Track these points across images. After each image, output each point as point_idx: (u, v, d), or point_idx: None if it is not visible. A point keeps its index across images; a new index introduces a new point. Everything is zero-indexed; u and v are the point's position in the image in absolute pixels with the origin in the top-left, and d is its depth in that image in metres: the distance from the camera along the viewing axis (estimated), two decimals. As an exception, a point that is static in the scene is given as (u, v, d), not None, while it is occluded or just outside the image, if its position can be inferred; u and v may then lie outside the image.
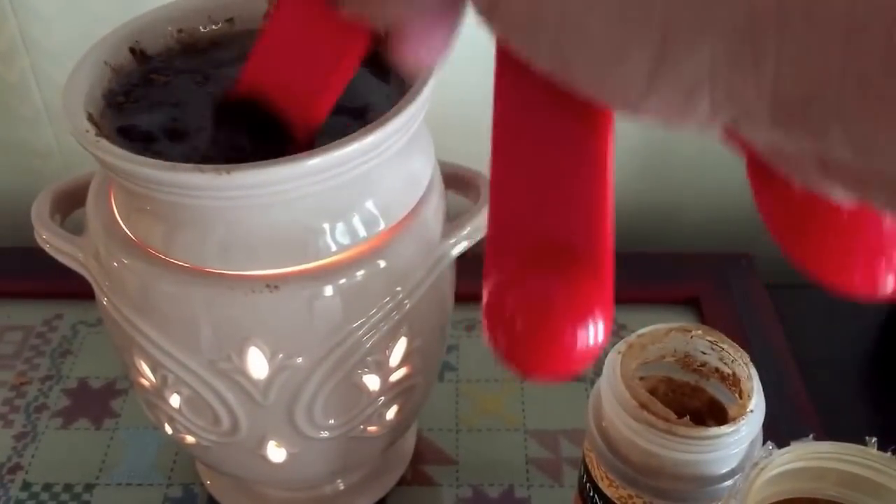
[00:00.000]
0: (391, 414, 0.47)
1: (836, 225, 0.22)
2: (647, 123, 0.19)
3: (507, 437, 0.61)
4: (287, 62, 0.33)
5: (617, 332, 0.69)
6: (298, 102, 0.34)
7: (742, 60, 0.16)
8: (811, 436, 0.38)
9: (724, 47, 0.16)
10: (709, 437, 0.39)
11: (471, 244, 0.46)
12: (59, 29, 0.69)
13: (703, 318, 0.69)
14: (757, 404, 0.40)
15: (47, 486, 0.58)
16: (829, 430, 0.60)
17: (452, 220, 0.47)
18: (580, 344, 0.20)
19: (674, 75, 0.17)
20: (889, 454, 0.37)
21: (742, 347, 0.65)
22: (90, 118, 0.39)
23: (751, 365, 0.42)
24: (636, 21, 0.17)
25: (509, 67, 0.23)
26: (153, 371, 0.43)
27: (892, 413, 0.65)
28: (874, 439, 0.37)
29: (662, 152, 0.77)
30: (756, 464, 0.36)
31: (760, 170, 0.22)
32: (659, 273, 0.73)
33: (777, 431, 0.59)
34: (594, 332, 0.20)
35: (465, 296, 0.69)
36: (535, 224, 0.22)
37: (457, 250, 0.46)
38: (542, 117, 0.23)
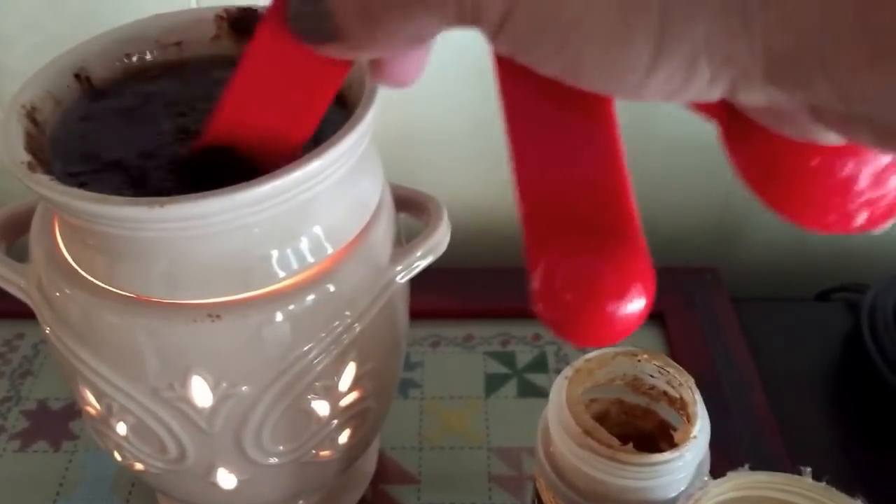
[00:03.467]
0: (344, 438, 0.47)
1: (809, 169, 0.23)
2: (648, 103, 0.21)
3: (470, 455, 0.61)
4: (261, 108, 0.33)
5: (582, 347, 0.69)
6: (273, 146, 0.34)
7: (734, 27, 0.18)
8: (746, 465, 0.38)
9: (717, 17, 0.18)
10: (652, 464, 0.39)
11: (425, 265, 0.46)
12: (18, 47, 0.69)
13: (668, 332, 0.69)
14: (701, 429, 0.40)
15: (4, 511, 0.57)
16: (792, 445, 0.60)
17: (406, 242, 0.47)
18: (624, 314, 0.22)
19: (675, 50, 0.19)
20: (823, 484, 0.37)
21: (706, 361, 0.66)
22: (29, 148, 0.39)
23: (695, 389, 0.42)
24: (635, 8, 0.19)
25: (511, 73, 0.25)
26: (98, 399, 0.43)
27: (855, 427, 0.65)
28: (808, 469, 0.37)
29: (629, 167, 0.77)
30: (691, 495, 0.36)
31: (733, 129, 0.24)
32: (624, 288, 0.73)
33: (739, 446, 0.59)
34: (636, 303, 0.22)
35: (430, 312, 0.70)
36: (567, 211, 0.24)
37: (409, 273, 0.46)
38: (550, 110, 0.24)
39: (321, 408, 0.44)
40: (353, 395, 0.45)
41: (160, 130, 0.42)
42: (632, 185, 0.25)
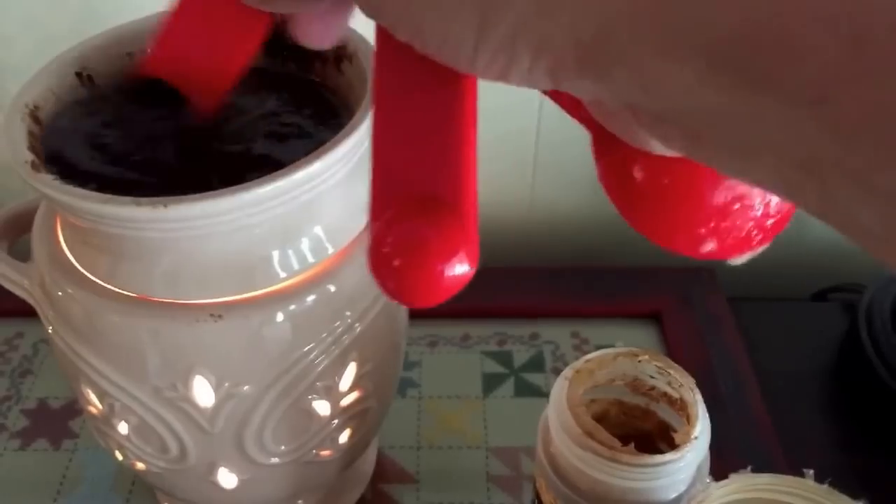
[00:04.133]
0: (344, 437, 0.47)
1: (659, 186, 0.25)
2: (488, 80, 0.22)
3: (468, 455, 0.61)
4: (192, 44, 0.37)
5: (580, 346, 0.69)
6: (202, 80, 0.38)
7: (545, 10, 0.19)
8: (749, 468, 0.38)
9: (529, 4, 0.19)
10: (653, 465, 0.39)
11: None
12: (18, 46, 0.69)
13: (665, 332, 0.69)
14: (702, 430, 0.40)
15: (4, 509, 0.58)
16: (789, 446, 0.60)
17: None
18: (448, 277, 0.23)
19: (494, 29, 0.20)
20: (826, 486, 0.37)
21: (703, 361, 0.66)
22: (32, 147, 0.39)
23: (696, 391, 0.42)
24: None
25: (383, 38, 0.26)
26: (100, 399, 0.43)
27: (851, 427, 0.65)
28: (811, 471, 0.37)
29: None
30: (694, 497, 0.36)
31: (600, 145, 0.26)
32: (621, 287, 0.73)
33: (735, 446, 0.59)
34: (460, 268, 0.24)
35: (427, 312, 0.69)
36: (407, 178, 0.25)
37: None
38: (413, 83, 0.26)
39: (322, 407, 0.44)
40: (354, 395, 0.45)
41: (161, 128, 0.42)
42: (475, 161, 0.26)
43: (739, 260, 0.26)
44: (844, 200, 0.17)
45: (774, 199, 0.25)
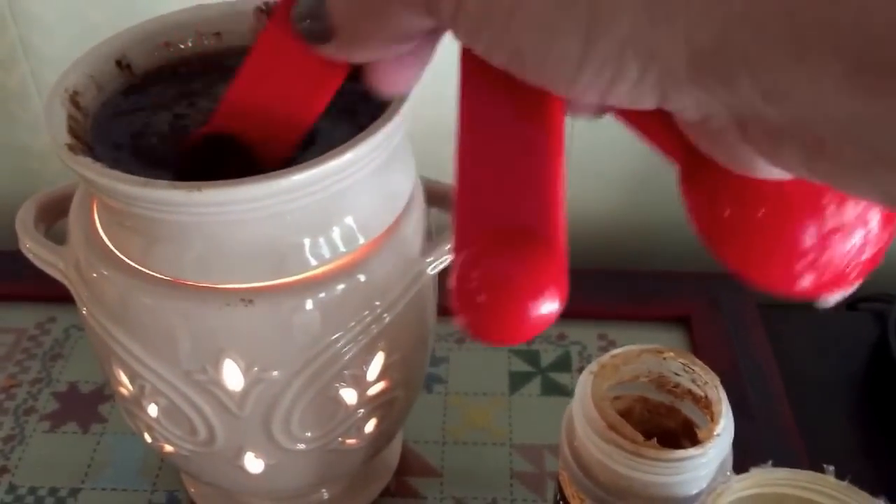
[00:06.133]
0: (370, 427, 0.48)
1: (754, 220, 0.24)
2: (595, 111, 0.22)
3: (492, 451, 0.61)
4: (263, 100, 0.35)
5: (607, 347, 0.69)
6: (272, 139, 0.36)
7: (657, 18, 0.18)
8: (769, 462, 0.38)
9: (642, 9, 0.19)
10: (676, 460, 0.39)
11: (454, 259, 0.47)
12: (58, 36, 0.70)
13: (694, 337, 0.69)
14: (725, 427, 0.41)
15: (33, 490, 0.58)
16: (814, 452, 0.60)
17: (436, 235, 0.47)
18: (535, 316, 0.23)
19: (603, 41, 0.19)
20: (846, 483, 0.37)
21: (731, 367, 0.66)
22: (72, 131, 0.40)
23: (720, 388, 0.42)
24: (564, 11, 0.20)
25: (472, 68, 0.26)
26: (131, 381, 0.44)
27: (879, 435, 0.65)
28: (831, 467, 0.37)
29: (657, 171, 0.77)
30: (714, 489, 0.36)
31: (689, 178, 0.25)
32: (651, 291, 0.73)
33: (761, 452, 0.59)
34: (548, 306, 0.23)
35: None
36: (495, 209, 0.25)
37: (438, 266, 0.46)
38: (501, 113, 0.25)
39: (349, 396, 0.45)
40: (381, 385, 0.46)
41: (196, 117, 0.42)
42: (564, 192, 0.25)
43: (832, 299, 0.25)
44: None
45: (874, 228, 0.24)
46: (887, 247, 0.24)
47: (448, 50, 0.28)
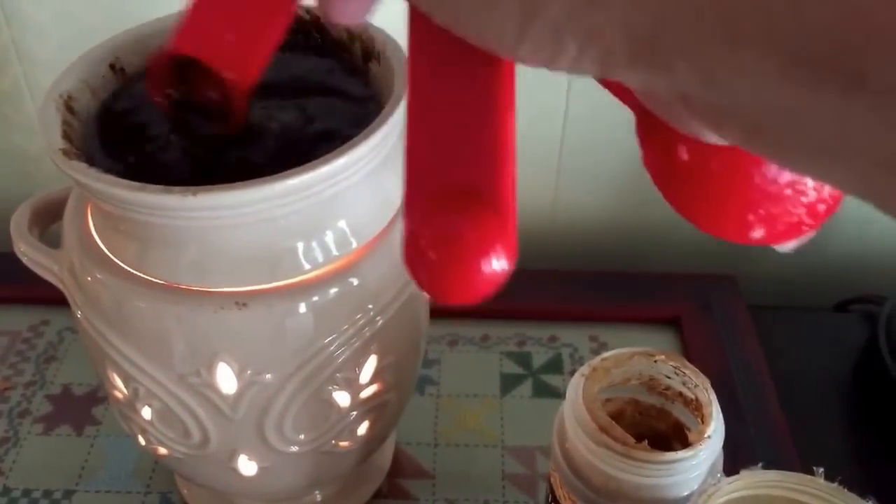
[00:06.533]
0: (363, 429, 0.48)
1: (707, 171, 0.24)
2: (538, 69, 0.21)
3: (484, 453, 0.62)
4: (218, 28, 0.37)
5: (598, 349, 0.70)
6: (230, 65, 0.37)
7: (593, 4, 0.18)
8: (760, 464, 0.38)
9: None
10: (666, 462, 0.39)
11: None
12: (51, 38, 0.70)
13: (685, 339, 0.69)
14: (715, 430, 0.41)
15: (27, 492, 0.59)
16: (805, 453, 0.60)
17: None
18: (485, 274, 0.23)
19: (540, 20, 0.19)
20: (836, 485, 0.38)
21: (721, 368, 0.66)
22: (66, 136, 0.40)
23: (711, 391, 0.42)
24: None
25: (419, 25, 0.25)
26: (125, 384, 0.44)
27: (869, 437, 0.65)
28: (821, 469, 0.38)
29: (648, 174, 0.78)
30: (704, 491, 0.36)
31: (645, 127, 0.25)
32: (641, 293, 0.74)
33: (752, 453, 0.60)
34: (497, 264, 0.23)
35: (448, 311, 0.70)
36: (444, 169, 0.25)
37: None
38: (449, 73, 0.25)
39: (342, 399, 0.45)
40: (373, 388, 0.46)
41: (190, 120, 0.43)
42: (514, 151, 0.25)
43: (788, 247, 0.25)
44: None
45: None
46: (842, 197, 0.24)
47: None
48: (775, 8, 0.16)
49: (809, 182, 0.23)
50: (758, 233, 0.24)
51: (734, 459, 0.43)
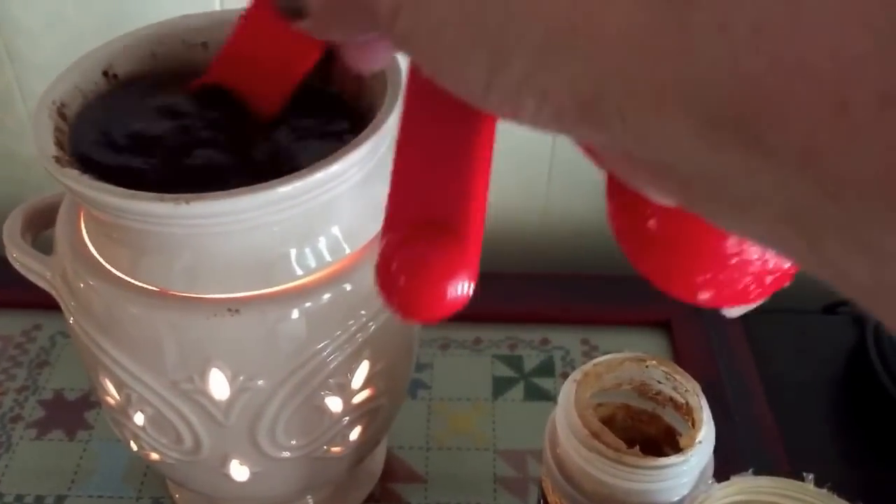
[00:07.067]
0: (355, 434, 0.48)
1: (664, 240, 0.26)
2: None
3: (476, 456, 0.62)
4: (250, 63, 0.41)
5: (589, 352, 0.70)
6: (259, 94, 0.42)
7: (548, 65, 0.21)
8: (750, 470, 0.38)
9: (533, 59, 0.21)
10: (657, 467, 0.40)
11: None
12: (43, 43, 0.70)
13: (674, 341, 0.70)
14: (706, 435, 0.41)
15: (19, 497, 0.58)
16: (794, 454, 0.61)
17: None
18: (448, 297, 0.26)
19: (501, 80, 0.22)
20: (825, 490, 0.38)
21: (711, 370, 0.66)
22: (59, 143, 0.40)
23: (702, 396, 0.42)
24: (473, 38, 0.22)
25: (414, 77, 0.28)
26: (118, 390, 0.44)
27: (858, 440, 0.66)
28: (811, 475, 0.38)
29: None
30: (695, 498, 0.37)
31: (611, 188, 0.28)
32: (631, 295, 0.73)
33: (741, 455, 0.60)
34: (459, 289, 0.26)
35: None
36: (421, 200, 0.28)
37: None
38: (436, 114, 0.28)
39: (334, 404, 0.45)
40: (366, 393, 0.46)
41: (183, 126, 0.43)
42: (486, 191, 0.28)
43: (735, 312, 0.27)
44: (835, 256, 0.18)
45: (773, 257, 0.26)
46: (793, 272, 0.26)
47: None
48: (690, 77, 0.18)
49: (755, 253, 0.25)
50: (704, 295, 0.26)
51: (723, 461, 0.43)
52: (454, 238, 0.27)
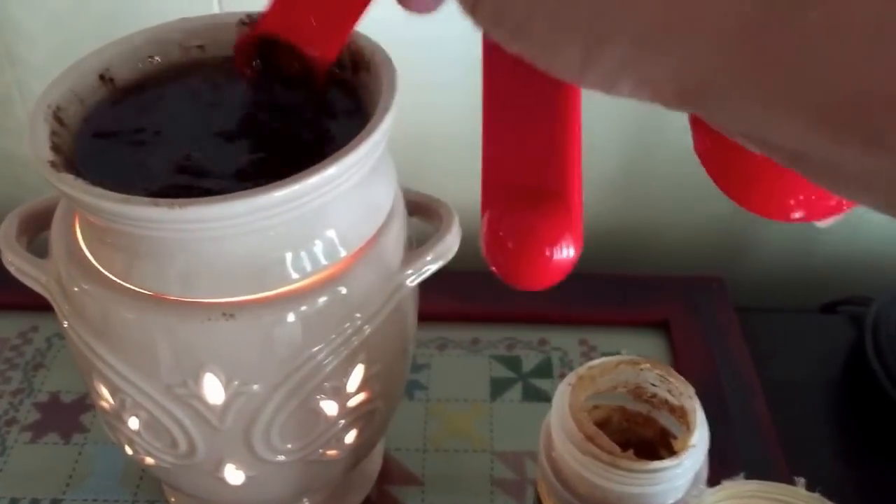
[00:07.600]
0: (350, 438, 0.48)
1: (755, 165, 0.26)
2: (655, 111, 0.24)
3: (473, 458, 0.62)
4: (303, 11, 0.41)
5: (587, 353, 0.70)
6: (312, 44, 0.41)
7: (648, 54, 0.21)
8: (741, 474, 0.38)
9: (634, 45, 0.21)
10: (651, 471, 0.40)
11: (435, 269, 0.47)
12: (43, 44, 0.70)
13: (673, 341, 0.70)
14: (700, 438, 0.41)
15: (14, 501, 0.58)
16: (792, 454, 0.61)
17: (417, 246, 0.48)
18: (554, 261, 0.27)
19: (597, 65, 0.22)
20: (817, 494, 0.38)
21: (709, 370, 0.66)
22: (55, 147, 0.40)
23: (696, 399, 0.42)
24: (568, 27, 0.22)
25: (492, 51, 0.29)
26: (112, 394, 0.44)
27: (856, 439, 0.66)
28: (802, 479, 0.38)
29: (638, 176, 0.78)
30: (686, 503, 0.37)
31: (697, 122, 0.27)
32: (630, 296, 0.74)
33: (739, 455, 0.60)
34: (566, 251, 0.27)
35: (437, 315, 0.70)
36: (517, 171, 0.28)
37: (419, 277, 0.47)
38: (521, 84, 0.28)
39: (329, 408, 0.45)
40: (361, 396, 0.46)
41: (180, 131, 0.43)
42: (580, 154, 0.28)
43: (827, 223, 0.27)
44: None
45: None
46: None
47: (427, 62, 0.29)
48: (804, 77, 0.18)
49: None
50: (797, 214, 0.27)
51: (721, 461, 0.43)
52: (557, 203, 0.27)
